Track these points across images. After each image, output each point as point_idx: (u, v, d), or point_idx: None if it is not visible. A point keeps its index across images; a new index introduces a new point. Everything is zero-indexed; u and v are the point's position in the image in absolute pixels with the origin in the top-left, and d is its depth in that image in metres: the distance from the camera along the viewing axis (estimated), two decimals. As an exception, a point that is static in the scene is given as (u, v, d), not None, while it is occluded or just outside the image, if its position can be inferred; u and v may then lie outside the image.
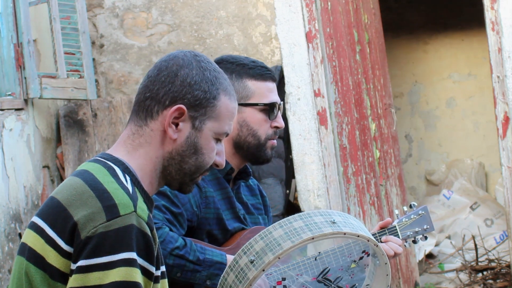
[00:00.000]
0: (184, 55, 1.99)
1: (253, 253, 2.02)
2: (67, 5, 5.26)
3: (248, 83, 2.84)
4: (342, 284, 2.29)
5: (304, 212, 2.08)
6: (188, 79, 1.96)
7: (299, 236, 2.01)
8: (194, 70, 1.97)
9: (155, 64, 2.01)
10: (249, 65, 2.86)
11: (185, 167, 1.98)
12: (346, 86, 5.18)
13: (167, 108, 1.94)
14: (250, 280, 2.00)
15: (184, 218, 2.72)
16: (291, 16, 5.05)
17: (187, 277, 2.65)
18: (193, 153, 1.98)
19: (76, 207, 1.83)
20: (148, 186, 1.97)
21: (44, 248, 1.84)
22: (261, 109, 2.85)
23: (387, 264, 2.20)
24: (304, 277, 2.44)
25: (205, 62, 2.00)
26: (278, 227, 2.05)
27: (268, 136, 2.88)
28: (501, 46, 4.81)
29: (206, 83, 1.98)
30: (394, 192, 5.54)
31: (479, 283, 6.10)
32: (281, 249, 2.00)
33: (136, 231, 1.81)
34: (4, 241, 4.58)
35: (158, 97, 1.94)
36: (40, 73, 5.08)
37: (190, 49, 5.37)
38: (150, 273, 1.84)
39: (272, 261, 2.00)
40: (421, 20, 8.20)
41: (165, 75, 1.95)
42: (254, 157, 2.87)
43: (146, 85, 1.97)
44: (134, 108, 1.98)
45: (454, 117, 8.15)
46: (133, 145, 1.96)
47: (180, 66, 1.96)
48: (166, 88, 1.95)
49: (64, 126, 5.33)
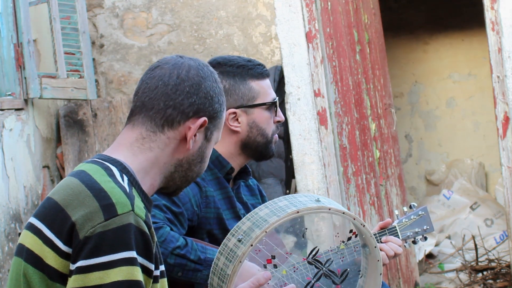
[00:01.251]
0: (199, 65, 2.00)
1: (240, 233, 2.06)
2: (67, 5, 5.26)
3: (252, 84, 2.87)
4: (333, 268, 2.29)
5: (289, 195, 2.11)
6: (210, 92, 1.99)
7: (284, 212, 2.04)
8: (213, 82, 2.00)
9: (166, 69, 1.98)
10: (248, 66, 2.88)
11: (189, 174, 2.02)
12: (346, 86, 5.18)
13: (190, 119, 1.96)
14: (239, 257, 2.02)
15: (184, 217, 2.72)
16: (291, 16, 5.05)
17: (188, 277, 2.66)
18: (199, 161, 2.03)
19: (74, 207, 1.83)
20: (148, 187, 1.98)
21: (42, 249, 1.84)
22: (266, 107, 2.88)
23: (377, 248, 2.21)
24: (294, 257, 2.45)
25: (214, 74, 2.04)
26: (263, 208, 2.09)
27: (273, 132, 2.92)
28: (501, 46, 4.81)
29: (221, 95, 2.03)
30: (394, 192, 5.54)
31: (479, 283, 6.10)
32: (267, 224, 2.02)
33: (135, 229, 1.81)
34: (4, 241, 4.58)
35: (183, 107, 1.96)
36: (40, 73, 5.07)
37: (190, 50, 5.31)
38: (150, 271, 1.85)
39: (259, 235, 2.02)
40: (421, 20, 8.20)
41: (189, 86, 1.97)
42: (262, 155, 2.90)
43: (166, 93, 1.96)
44: (149, 114, 1.96)
45: (454, 117, 8.15)
46: (141, 149, 1.96)
47: (202, 77, 1.98)
48: (191, 100, 1.96)
49: (64, 126, 5.33)
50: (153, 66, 2.01)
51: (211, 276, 2.08)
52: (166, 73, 1.98)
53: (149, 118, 1.96)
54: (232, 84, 2.86)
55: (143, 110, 1.97)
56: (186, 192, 2.74)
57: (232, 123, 2.86)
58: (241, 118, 2.86)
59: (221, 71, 2.88)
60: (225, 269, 2.04)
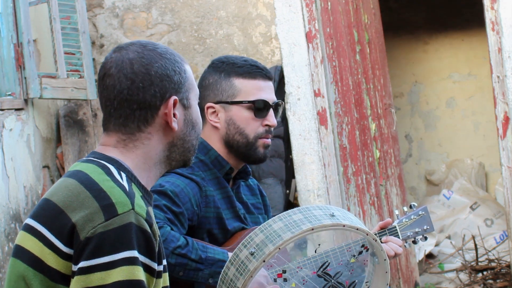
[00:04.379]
0: (139, 53, 1.94)
1: (253, 245, 2.03)
2: (67, 5, 5.26)
3: (234, 82, 2.85)
4: (342, 280, 2.29)
5: (303, 206, 2.09)
6: (163, 72, 1.94)
7: (298, 228, 2.02)
8: (159, 60, 1.95)
9: (113, 76, 1.93)
10: (238, 64, 2.87)
11: (188, 146, 2.01)
12: (346, 86, 5.18)
13: (161, 107, 1.94)
14: (251, 272, 2.00)
15: (185, 217, 2.72)
16: (291, 16, 5.05)
17: (189, 276, 2.65)
18: (191, 129, 2.01)
19: (73, 208, 1.82)
20: (146, 180, 1.97)
21: (43, 251, 1.83)
22: (247, 107, 2.84)
23: (386, 261, 2.21)
24: (304, 271, 2.45)
25: (156, 49, 1.97)
26: (277, 220, 2.06)
27: (259, 134, 2.86)
28: (501, 46, 4.81)
29: (173, 64, 1.97)
30: (394, 192, 5.54)
31: (479, 283, 6.10)
32: (281, 240, 2.00)
33: (135, 229, 1.80)
34: (4, 241, 4.58)
35: (148, 103, 1.92)
36: (40, 73, 5.07)
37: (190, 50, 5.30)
38: (152, 270, 1.84)
39: (272, 252, 2.00)
40: (421, 20, 8.20)
41: (141, 81, 1.92)
42: (245, 156, 2.87)
43: (125, 99, 1.92)
44: (119, 121, 1.93)
45: (454, 117, 8.15)
46: (127, 148, 1.95)
47: (148, 65, 1.93)
48: (150, 91, 1.92)
49: (64, 126, 5.33)
50: (101, 74, 1.96)
51: (220, 284, 2.07)
52: (116, 80, 1.93)
53: (122, 125, 1.94)
54: (216, 79, 2.86)
55: (112, 119, 1.95)
56: (186, 192, 2.74)
57: (211, 118, 2.86)
58: (220, 114, 2.85)
59: (213, 67, 2.89)
60: (235, 281, 2.03)
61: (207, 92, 2.87)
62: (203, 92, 2.86)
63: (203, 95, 2.85)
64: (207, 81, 2.88)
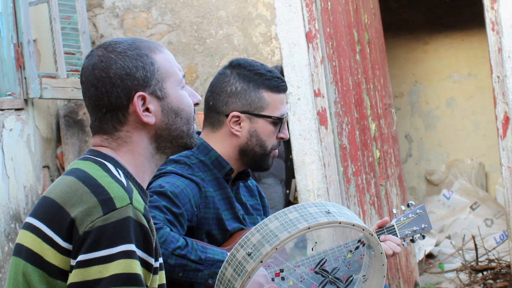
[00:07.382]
0: (98, 56, 1.95)
1: (250, 245, 2.03)
2: (67, 5, 5.27)
3: (264, 95, 2.86)
4: (339, 275, 2.30)
5: (299, 204, 2.10)
6: (123, 72, 1.93)
7: (295, 227, 2.02)
8: (119, 60, 1.94)
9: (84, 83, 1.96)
10: (266, 76, 2.88)
11: (176, 133, 2.00)
12: (346, 86, 5.18)
13: (129, 106, 1.94)
14: (248, 273, 2.01)
15: (184, 218, 2.72)
16: (291, 16, 5.05)
17: (189, 277, 2.66)
18: (175, 117, 1.99)
19: (72, 204, 1.84)
20: (141, 177, 1.98)
21: (41, 247, 1.84)
22: (272, 121, 2.87)
23: (383, 254, 2.22)
24: (301, 269, 2.46)
25: (117, 46, 1.96)
26: (273, 219, 2.06)
27: (274, 146, 2.91)
28: (501, 46, 4.81)
29: (136, 60, 1.95)
30: (394, 192, 5.55)
31: (479, 283, 6.10)
32: (278, 240, 2.01)
33: (134, 223, 1.81)
34: (4, 241, 4.59)
35: (115, 104, 1.93)
36: (40, 73, 5.08)
37: (190, 50, 5.32)
38: (150, 265, 1.85)
39: (269, 252, 2.00)
40: (421, 20, 8.20)
41: (102, 85, 1.93)
42: (257, 165, 2.90)
43: (95, 105, 1.95)
44: (95, 124, 1.97)
45: (454, 117, 8.15)
46: (111, 147, 1.97)
47: (106, 68, 1.94)
48: (114, 93, 1.93)
49: (64, 126, 5.34)
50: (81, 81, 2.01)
51: (217, 284, 2.07)
52: (85, 87, 1.97)
53: (99, 127, 1.97)
54: (245, 89, 2.85)
55: (92, 122, 1.99)
56: (186, 192, 2.75)
57: (233, 126, 2.86)
58: (243, 123, 2.86)
59: (238, 73, 2.88)
60: (232, 282, 2.03)
61: (233, 100, 2.86)
62: (227, 98, 2.85)
63: (227, 101, 2.85)
64: (234, 87, 2.87)
